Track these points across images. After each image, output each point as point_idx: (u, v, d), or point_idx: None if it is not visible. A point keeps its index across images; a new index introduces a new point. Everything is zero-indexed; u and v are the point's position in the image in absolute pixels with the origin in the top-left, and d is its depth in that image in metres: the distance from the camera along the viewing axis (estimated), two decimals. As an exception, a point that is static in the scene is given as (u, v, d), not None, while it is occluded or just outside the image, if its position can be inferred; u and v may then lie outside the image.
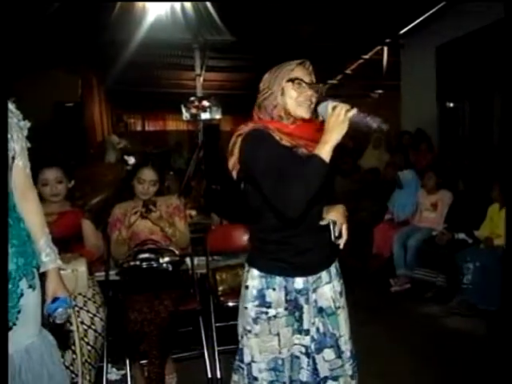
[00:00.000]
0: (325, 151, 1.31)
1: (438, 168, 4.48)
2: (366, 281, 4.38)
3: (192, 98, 7.30)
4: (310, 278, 1.50)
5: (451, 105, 6.25)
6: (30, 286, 1.43)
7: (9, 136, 1.40)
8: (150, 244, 2.46)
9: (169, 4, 5.26)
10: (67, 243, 2.43)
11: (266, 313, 1.48)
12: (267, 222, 1.47)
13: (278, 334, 1.48)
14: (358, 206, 5.18)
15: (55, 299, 1.48)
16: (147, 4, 5.23)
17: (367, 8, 5.45)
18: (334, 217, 1.45)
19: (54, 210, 2.45)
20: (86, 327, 2.19)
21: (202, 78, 7.49)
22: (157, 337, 2.18)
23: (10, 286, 1.33)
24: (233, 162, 1.48)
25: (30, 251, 1.46)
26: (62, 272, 2.21)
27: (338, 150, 1.37)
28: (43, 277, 1.52)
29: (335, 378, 1.54)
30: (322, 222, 1.44)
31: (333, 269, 1.57)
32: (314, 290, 1.52)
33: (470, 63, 5.48)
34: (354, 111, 1.33)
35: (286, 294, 1.48)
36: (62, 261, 2.23)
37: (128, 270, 2.34)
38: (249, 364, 1.51)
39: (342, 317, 1.57)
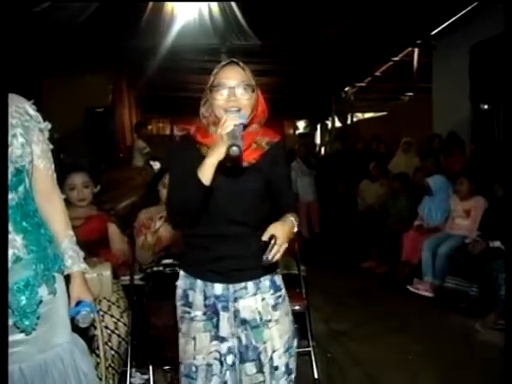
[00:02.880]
0: (201, 169, 1.32)
1: (472, 173, 4.33)
2: (395, 288, 4.28)
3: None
4: (231, 287, 1.46)
5: (485, 107, 6.03)
6: (51, 292, 1.42)
7: (24, 140, 1.38)
8: (173, 249, 2.45)
9: (197, 9, 5.30)
10: (93, 247, 2.46)
11: (189, 312, 1.49)
12: (185, 229, 1.55)
13: (194, 338, 1.46)
14: (386, 212, 5.09)
15: (79, 302, 1.47)
16: (176, 9, 5.29)
17: (397, 9, 5.34)
18: (275, 231, 1.31)
19: (80, 215, 2.49)
20: (109, 332, 2.20)
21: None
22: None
23: (27, 293, 1.33)
24: None
25: (52, 256, 1.45)
26: (86, 276, 2.25)
27: (366, 154, 1.32)
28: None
29: None
30: (263, 238, 1.30)
31: (265, 282, 1.49)
32: (235, 300, 1.47)
33: (505, 63, 5.27)
34: (230, 127, 1.30)
35: (205, 299, 1.47)
36: (88, 265, 2.28)
37: (151, 275, 2.34)
38: (180, 363, 1.53)
39: (274, 330, 1.48)
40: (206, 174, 1.31)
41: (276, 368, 1.46)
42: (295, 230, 1.41)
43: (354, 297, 4.05)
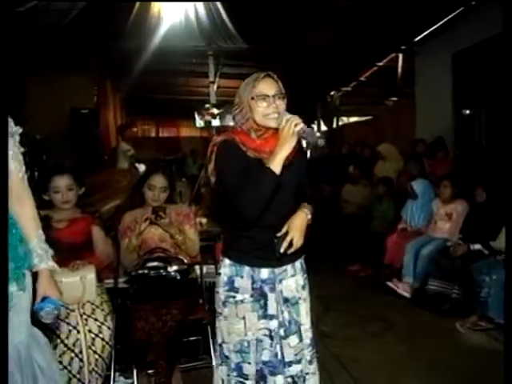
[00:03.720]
0: (274, 163, 1.51)
1: (454, 177, 4.40)
2: (379, 291, 4.31)
3: (207, 106, 7.36)
4: (276, 270, 1.68)
5: (468, 112, 6.15)
6: (21, 289, 1.52)
7: None
8: (159, 252, 2.45)
9: (183, 11, 5.30)
10: (77, 250, 2.45)
11: (234, 297, 1.65)
12: (237, 220, 1.64)
13: (243, 318, 1.64)
14: (371, 215, 5.13)
15: (44, 298, 1.55)
16: (162, 11, 5.28)
17: (381, 15, 5.42)
18: (290, 227, 1.62)
19: (64, 217, 2.47)
20: (93, 335, 2.18)
21: (215, 85, 7.52)
22: (164, 347, 2.15)
23: None
24: (211, 168, 1.67)
25: (22, 254, 1.53)
26: (70, 279, 2.24)
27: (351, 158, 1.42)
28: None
29: (299, 361, 1.70)
30: (278, 234, 1.61)
31: (297, 264, 1.75)
32: (280, 281, 1.69)
33: (486, 70, 5.39)
34: (300, 126, 1.50)
35: (253, 283, 1.65)
36: (71, 268, 2.26)
37: (136, 278, 2.33)
38: (220, 345, 1.70)
39: (304, 307, 1.74)
40: (278, 166, 1.51)
41: (303, 339, 1.72)
42: (309, 218, 1.68)
43: (339, 300, 4.06)
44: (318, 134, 1.69)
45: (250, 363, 1.64)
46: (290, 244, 1.60)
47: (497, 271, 3.16)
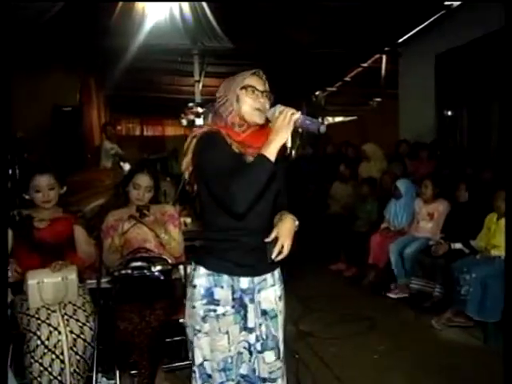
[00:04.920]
0: (269, 150, 1.41)
1: (436, 177, 4.46)
2: (363, 290, 4.36)
3: (190, 104, 7.31)
4: (256, 279, 1.57)
5: (450, 113, 6.25)
6: None
7: None
8: (142, 252, 2.43)
9: (168, 10, 5.25)
10: (59, 249, 2.42)
11: (215, 310, 1.51)
12: (218, 221, 1.53)
13: (227, 333, 1.51)
14: (355, 215, 5.17)
15: None
16: (147, 10, 5.23)
17: (366, 16, 5.46)
18: (280, 233, 1.49)
19: (46, 216, 2.44)
20: (75, 336, 2.15)
21: (201, 84, 7.48)
22: (147, 347, 2.14)
23: None
24: (186, 162, 1.56)
25: None
26: (52, 280, 2.21)
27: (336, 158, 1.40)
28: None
29: (273, 380, 1.59)
30: (267, 240, 1.48)
31: (276, 273, 1.64)
32: (259, 291, 1.58)
33: (468, 72, 5.49)
34: (298, 114, 1.43)
35: (233, 293, 1.53)
36: (53, 268, 2.23)
37: (119, 278, 2.31)
38: (201, 364, 1.53)
39: (281, 321, 1.63)
40: (273, 154, 1.41)
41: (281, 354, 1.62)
42: (297, 224, 1.56)
43: (323, 299, 4.09)
44: (319, 121, 1.63)
45: (233, 380, 1.53)
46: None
47: (476, 270, 3.22)
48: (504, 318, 2.95)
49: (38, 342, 2.09)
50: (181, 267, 2.69)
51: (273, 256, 1.46)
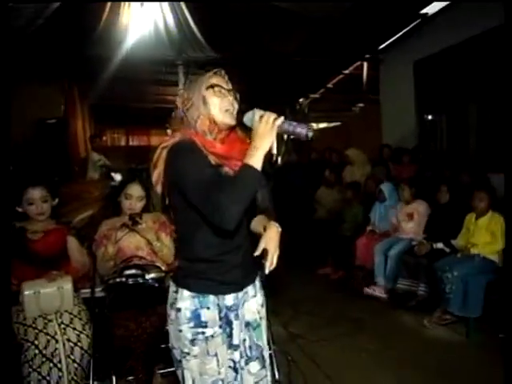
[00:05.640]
0: (255, 159, 1.33)
1: (415, 179, 4.61)
2: (351, 293, 4.46)
3: (173, 114, 7.37)
4: (240, 294, 1.52)
5: (430, 117, 6.43)
6: None
7: None
8: (135, 260, 2.48)
9: (152, 22, 5.33)
10: (53, 260, 2.47)
11: (203, 333, 1.44)
12: (199, 239, 1.44)
13: (215, 355, 1.45)
14: (341, 219, 5.28)
15: None
16: (131, 22, 5.30)
17: (347, 24, 5.60)
18: (267, 245, 1.44)
19: (39, 228, 2.49)
20: (72, 344, 2.20)
21: (185, 94, 7.56)
22: (143, 353, 2.20)
23: None
24: (157, 174, 1.45)
25: None
26: (48, 290, 2.25)
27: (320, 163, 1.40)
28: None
29: None
30: (256, 253, 1.44)
31: (257, 282, 1.61)
32: (242, 305, 1.54)
33: (445, 77, 5.67)
34: (281, 119, 1.36)
35: (219, 312, 1.47)
36: (48, 278, 2.28)
37: (114, 286, 2.35)
38: None
39: (263, 327, 1.60)
40: (259, 162, 1.33)
41: (265, 362, 1.60)
42: (280, 231, 1.51)
43: (312, 302, 4.18)
44: (306, 125, 1.55)
45: None
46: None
47: (457, 268, 3.35)
48: (504, 319, 3.04)
49: (36, 352, 2.13)
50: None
51: (266, 271, 1.43)
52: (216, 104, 1.45)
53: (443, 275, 3.39)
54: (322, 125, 12.78)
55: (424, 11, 5.48)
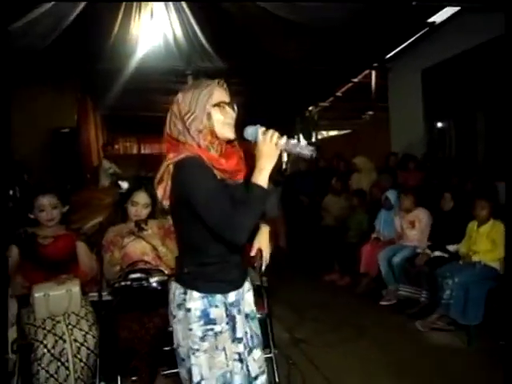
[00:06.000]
0: (262, 178, 1.44)
1: (422, 187, 4.63)
2: (355, 299, 4.50)
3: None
4: (240, 290, 1.64)
5: (438, 125, 6.44)
6: None
7: None
8: (141, 264, 2.58)
9: (162, 35, 5.49)
10: (63, 264, 2.58)
11: (212, 329, 1.53)
12: (209, 247, 1.53)
13: (224, 349, 1.54)
14: (347, 226, 5.33)
15: None
16: (141, 35, 5.46)
17: (354, 34, 5.67)
18: (262, 245, 1.70)
19: (49, 234, 2.60)
20: (78, 344, 2.30)
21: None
22: (147, 353, 2.29)
23: None
24: (162, 189, 1.51)
25: None
26: (56, 292, 2.36)
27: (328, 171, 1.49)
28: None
29: (263, 372, 1.69)
30: (252, 254, 1.68)
31: (248, 277, 1.74)
32: (242, 299, 1.65)
33: (452, 85, 5.70)
34: (284, 139, 1.45)
35: (226, 309, 1.57)
36: (57, 281, 2.39)
37: (119, 289, 2.45)
38: (198, 383, 1.53)
39: (256, 317, 1.77)
40: (266, 182, 1.45)
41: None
42: (268, 230, 1.74)
43: (317, 308, 4.23)
44: (307, 145, 1.63)
45: None
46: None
47: (458, 275, 3.39)
48: (505, 326, 3.07)
49: (45, 351, 2.24)
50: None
51: (263, 268, 1.70)
52: (220, 120, 1.52)
53: (444, 281, 3.43)
54: (333, 132, 12.86)
55: (431, 20, 5.56)
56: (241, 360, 1.59)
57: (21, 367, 2.38)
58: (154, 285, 2.45)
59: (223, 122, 1.52)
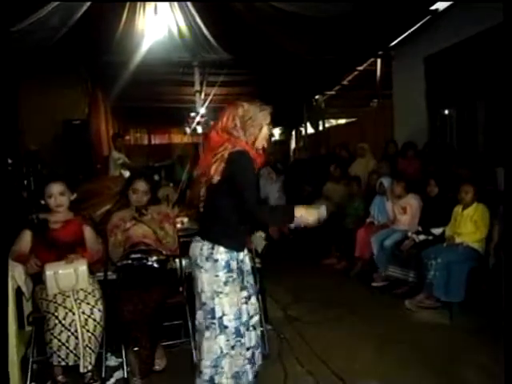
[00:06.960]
0: (297, 213, 2.00)
1: (419, 174, 4.77)
2: (350, 282, 4.72)
3: (192, 114, 7.75)
4: (245, 251, 2.24)
5: (440, 112, 6.51)
6: None
7: None
8: (141, 246, 2.83)
9: (166, 29, 5.67)
10: (71, 246, 2.84)
11: (231, 276, 2.08)
12: (234, 216, 2.07)
13: (236, 291, 2.10)
14: (345, 213, 5.51)
15: None
16: (147, 29, 5.66)
17: (360, 23, 5.73)
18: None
19: (59, 219, 2.86)
20: (86, 317, 2.57)
21: (203, 94, 7.90)
22: (147, 324, 2.55)
23: None
24: (215, 168, 2.02)
25: None
26: (65, 271, 2.62)
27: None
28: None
29: (257, 314, 2.27)
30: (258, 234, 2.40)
31: None
32: (244, 258, 2.23)
33: (456, 72, 5.75)
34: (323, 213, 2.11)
35: (237, 263, 2.13)
36: (66, 260, 2.65)
37: (121, 267, 2.74)
38: (220, 318, 2.07)
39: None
40: (294, 220, 2.02)
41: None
42: None
43: (313, 290, 4.46)
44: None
45: (243, 324, 2.11)
46: None
47: (441, 256, 3.58)
48: (504, 317, 3.24)
49: (56, 322, 2.50)
50: (177, 260, 3.11)
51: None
52: (264, 134, 2.14)
53: (428, 262, 3.62)
54: (341, 121, 12.96)
55: (434, 7, 5.59)
56: (245, 302, 2.15)
57: (36, 337, 2.67)
58: (153, 263, 2.71)
59: (264, 137, 2.14)
